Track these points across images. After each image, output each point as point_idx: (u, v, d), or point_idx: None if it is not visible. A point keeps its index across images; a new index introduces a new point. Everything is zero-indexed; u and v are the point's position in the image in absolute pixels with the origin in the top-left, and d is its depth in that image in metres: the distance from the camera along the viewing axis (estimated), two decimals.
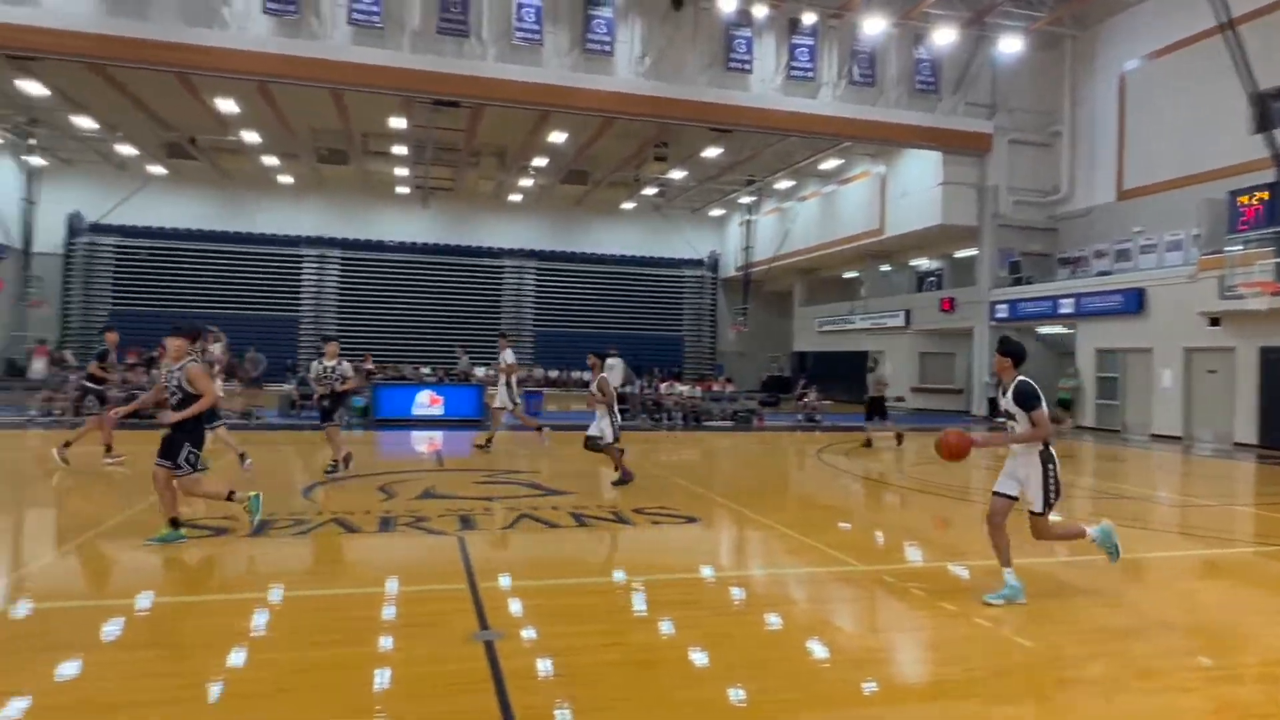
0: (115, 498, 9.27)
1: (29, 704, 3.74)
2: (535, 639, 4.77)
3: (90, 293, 34.37)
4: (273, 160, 32.57)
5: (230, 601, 5.48)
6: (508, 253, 39.02)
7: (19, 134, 28.57)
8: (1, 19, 18.40)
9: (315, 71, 20.35)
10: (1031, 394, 5.46)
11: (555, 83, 21.50)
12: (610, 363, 19.06)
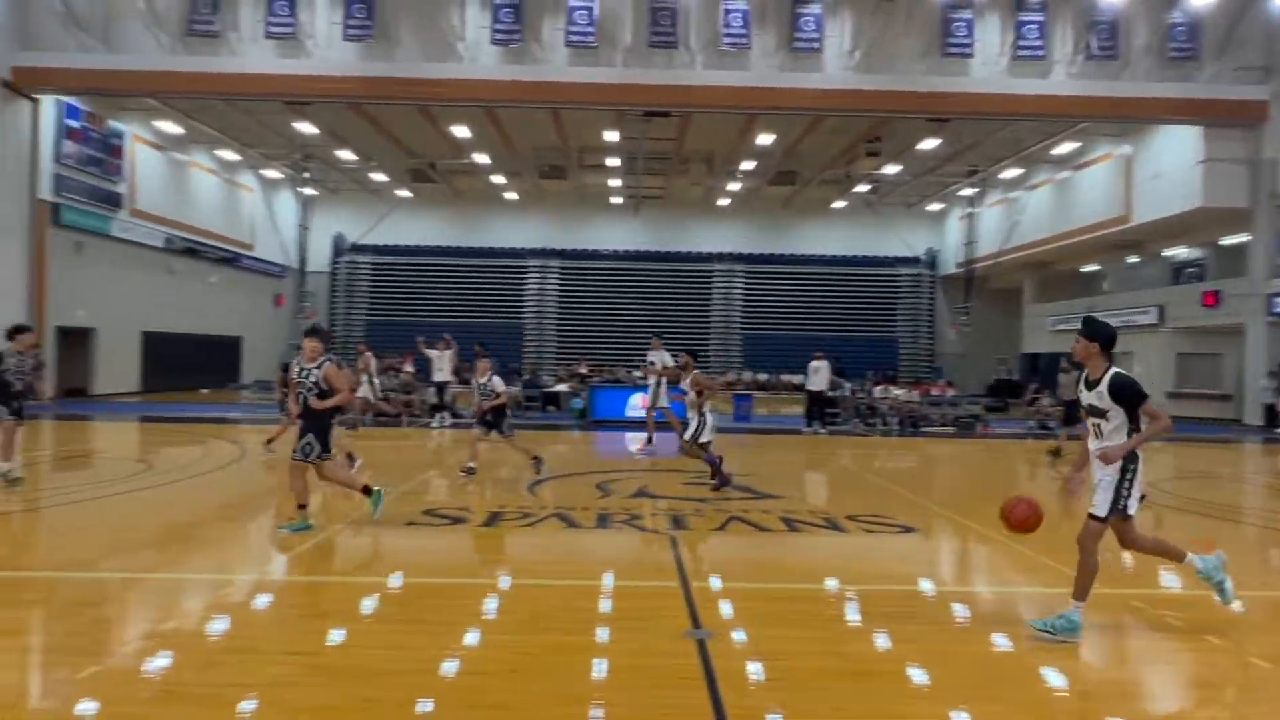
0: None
1: (305, 664, 4.31)
2: (746, 641, 4.79)
3: (351, 305, 38.92)
4: (500, 179, 35.15)
5: (466, 585, 5.98)
6: (716, 257, 39.36)
7: (296, 169, 32.97)
8: (282, 71, 21.44)
9: (537, 93, 21.75)
10: (1134, 385, 4.69)
11: (763, 85, 21.45)
12: (814, 365, 18.64)
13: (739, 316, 39.05)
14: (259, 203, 35.32)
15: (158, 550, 6.86)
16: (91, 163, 24.49)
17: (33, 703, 3.91)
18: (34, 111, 22.17)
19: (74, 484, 9.96)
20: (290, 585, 5.98)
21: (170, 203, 28.86)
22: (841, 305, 38.26)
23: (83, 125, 24.00)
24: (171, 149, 28.92)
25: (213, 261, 31.42)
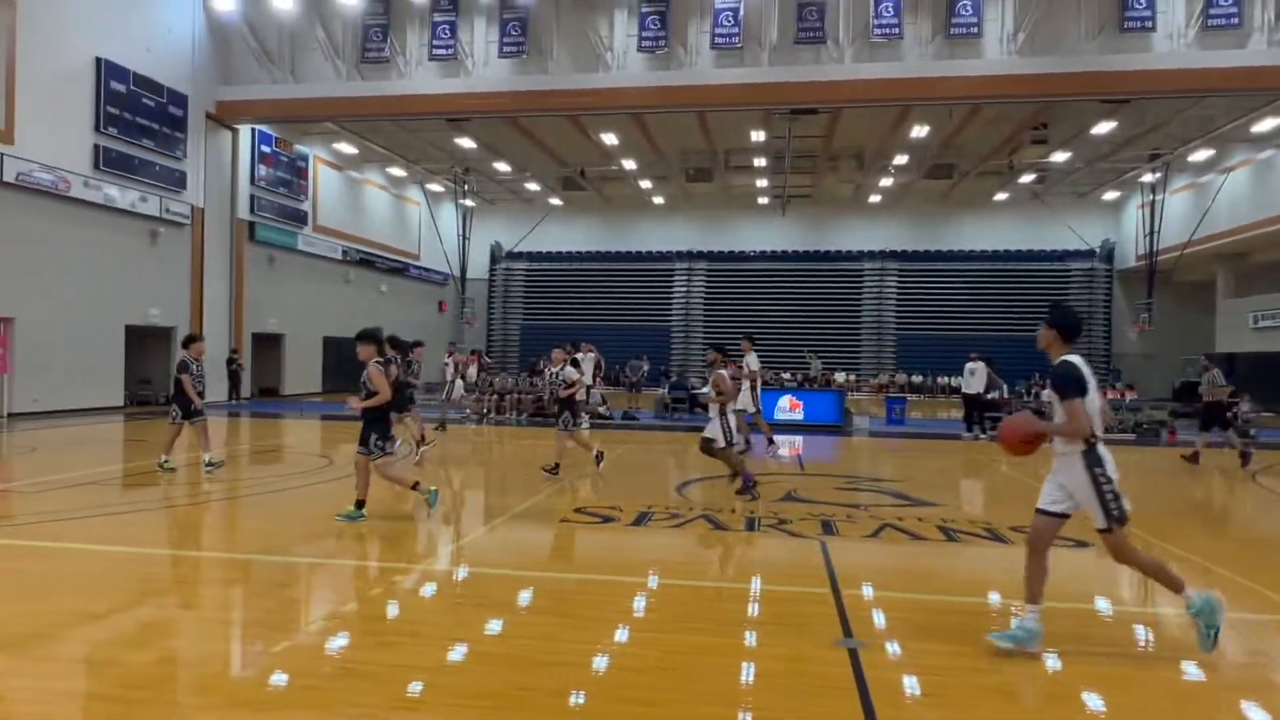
0: (522, 487, 10.86)
1: (467, 650, 4.56)
2: (901, 653, 4.62)
3: (507, 310, 40.70)
4: (647, 183, 35.69)
5: (615, 582, 6.11)
6: (867, 255, 38.20)
7: (456, 182, 34.87)
8: (444, 91, 22.77)
9: (684, 97, 21.92)
10: (1070, 377, 4.34)
11: (917, 75, 20.62)
12: (970, 367, 17.68)
13: (892, 316, 37.72)
14: (424, 215, 37.64)
15: (338, 538, 7.45)
16: (281, 184, 27.01)
17: (234, 671, 4.35)
18: (234, 140, 24.71)
19: (267, 476, 10.98)
20: (454, 575, 6.33)
21: (347, 218, 31.33)
22: (1004, 303, 36.10)
23: (274, 150, 26.53)
24: (348, 168, 31.38)
25: (383, 271, 33.81)
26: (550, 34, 22.45)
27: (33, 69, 18.02)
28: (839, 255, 38.60)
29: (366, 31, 23.02)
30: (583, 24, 21.99)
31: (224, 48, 23.94)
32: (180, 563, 6.59)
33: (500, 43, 22.40)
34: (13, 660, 4.29)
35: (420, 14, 22.93)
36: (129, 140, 20.64)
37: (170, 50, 22.06)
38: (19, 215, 17.79)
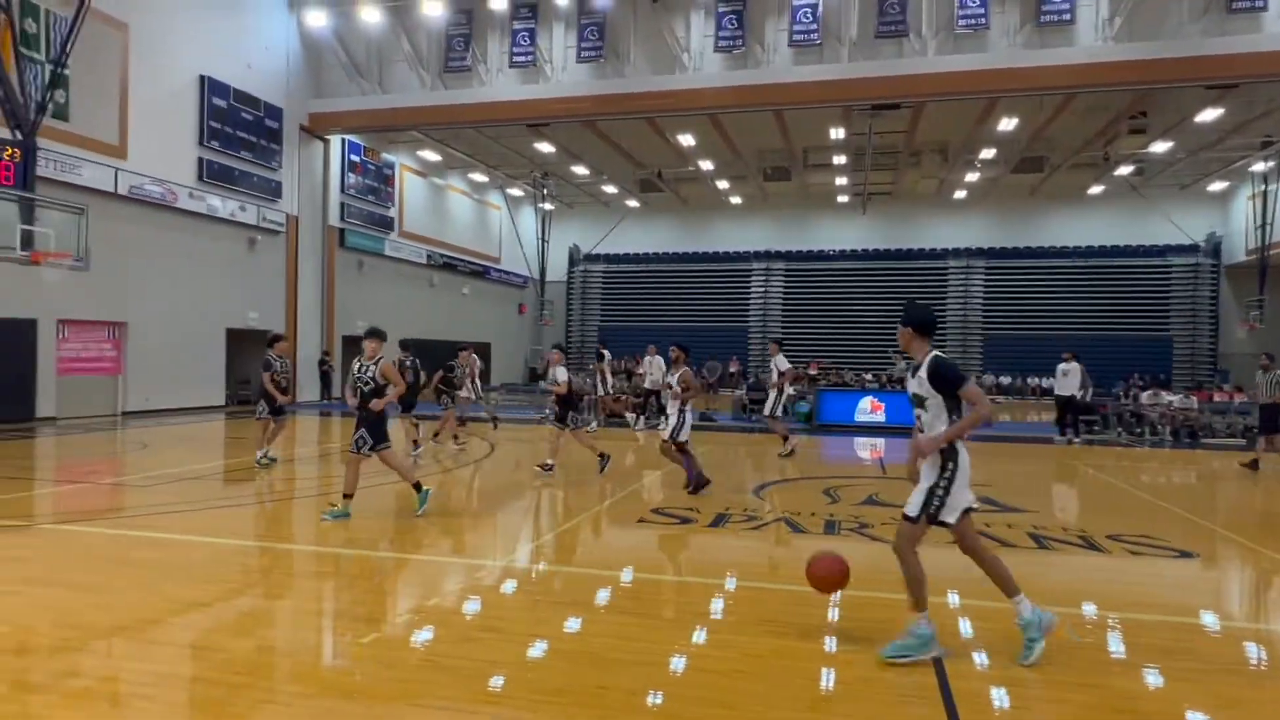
0: (599, 486, 10.95)
1: (546, 646, 4.63)
2: (987, 664, 4.47)
3: (585, 312, 41.12)
4: (724, 184, 35.53)
5: (692, 583, 6.10)
6: (952, 253, 37.12)
7: (536, 186, 35.45)
8: (524, 97, 23.18)
9: (761, 96, 21.74)
10: (954, 367, 4.34)
11: (1005, 65, 19.92)
12: (1063, 368, 16.94)
13: (978, 315, 36.51)
14: (504, 219, 38.40)
15: (421, 535, 7.66)
16: (369, 191, 27.98)
17: (325, 660, 4.53)
18: (325, 150, 25.72)
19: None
20: (533, 573, 6.44)
21: (430, 223, 32.22)
22: (1098, 301, 34.54)
23: (362, 159, 27.50)
24: (431, 175, 32.28)
25: (465, 274, 34.63)
26: (627, 37, 22.61)
27: (143, 88, 19.16)
28: (922, 253, 37.62)
29: (449, 41, 23.64)
30: (659, 26, 22.06)
31: (316, 62, 24.96)
32: (275, 555, 6.90)
33: (578, 48, 22.67)
34: (128, 644, 4.57)
35: (501, 22, 23.41)
36: (229, 153, 21.73)
37: (267, 66, 23.13)
38: (131, 225, 18.93)
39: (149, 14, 19.24)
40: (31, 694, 3.88)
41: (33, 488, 10.00)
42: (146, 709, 3.76)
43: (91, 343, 18.47)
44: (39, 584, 5.61)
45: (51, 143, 16.43)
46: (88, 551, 6.59)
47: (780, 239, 39.29)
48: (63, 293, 16.89)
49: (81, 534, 7.24)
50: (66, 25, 16.24)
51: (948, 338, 36.42)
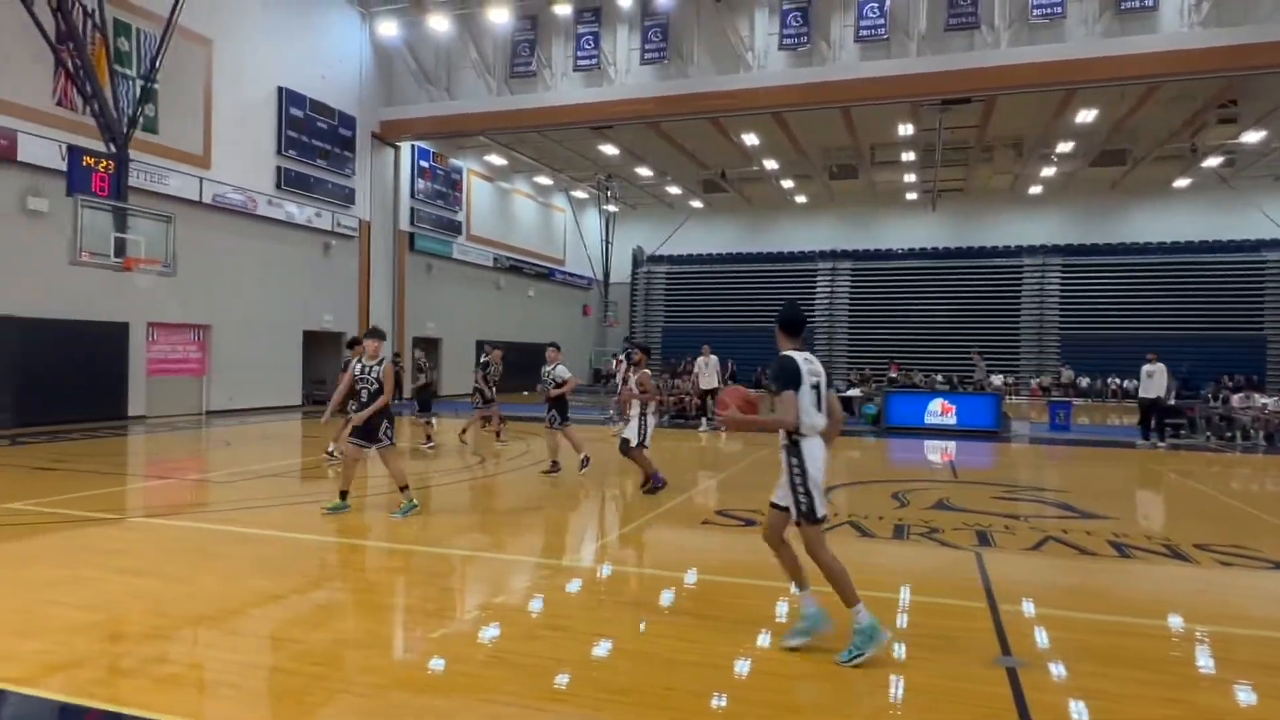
0: (664, 488, 10.95)
1: (611, 646, 4.65)
2: (1066, 676, 4.32)
3: (649, 313, 41.22)
4: (789, 182, 35.18)
5: (758, 586, 6.05)
6: (1026, 250, 35.99)
7: (600, 188, 35.70)
8: (588, 100, 23.37)
9: (827, 94, 21.44)
10: (784, 370, 4.42)
11: (1083, 56, 19.18)
12: (1148, 369, 16.19)
13: (1055, 315, 35.28)
14: (569, 222, 38.77)
15: (489, 533, 7.80)
16: (438, 196, 28.61)
17: (396, 654, 4.65)
18: (395, 157, 26.40)
19: (426, 472, 11.64)
20: (598, 573, 6.48)
21: (497, 226, 32.76)
22: (1185, 299, 33.00)
23: (431, 165, 28.14)
24: (498, 179, 32.82)
25: (531, 277, 35.10)
26: (691, 38, 22.58)
27: (225, 100, 19.98)
28: (995, 251, 36.55)
29: (515, 47, 23.99)
30: (723, 25, 21.96)
31: (387, 71, 25.63)
32: (349, 550, 7.11)
33: (642, 49, 22.75)
34: (212, 633, 4.78)
35: (565, 27, 23.65)
36: (306, 161, 22.49)
37: (340, 76, 23.86)
38: (214, 232, 19.75)
39: (231, 30, 20.06)
40: (125, 678, 4.09)
41: (125, 483, 10.53)
42: (230, 696, 3.92)
43: (178, 345, 19.34)
44: (132, 574, 5.90)
45: (142, 154, 17.25)
46: (175, 544, 6.90)
47: (847, 238, 38.70)
48: (152, 297, 17.73)
49: (170, 527, 7.59)
50: (155, 42, 17.04)
51: (1022, 337, 35.32)
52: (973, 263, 36.53)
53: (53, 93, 16.22)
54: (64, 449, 12.97)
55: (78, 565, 6.11)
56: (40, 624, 4.78)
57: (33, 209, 15.84)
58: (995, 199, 35.97)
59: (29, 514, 7.99)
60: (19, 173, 15.66)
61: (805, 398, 4.47)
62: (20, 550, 6.70)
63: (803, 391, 4.46)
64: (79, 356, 16.47)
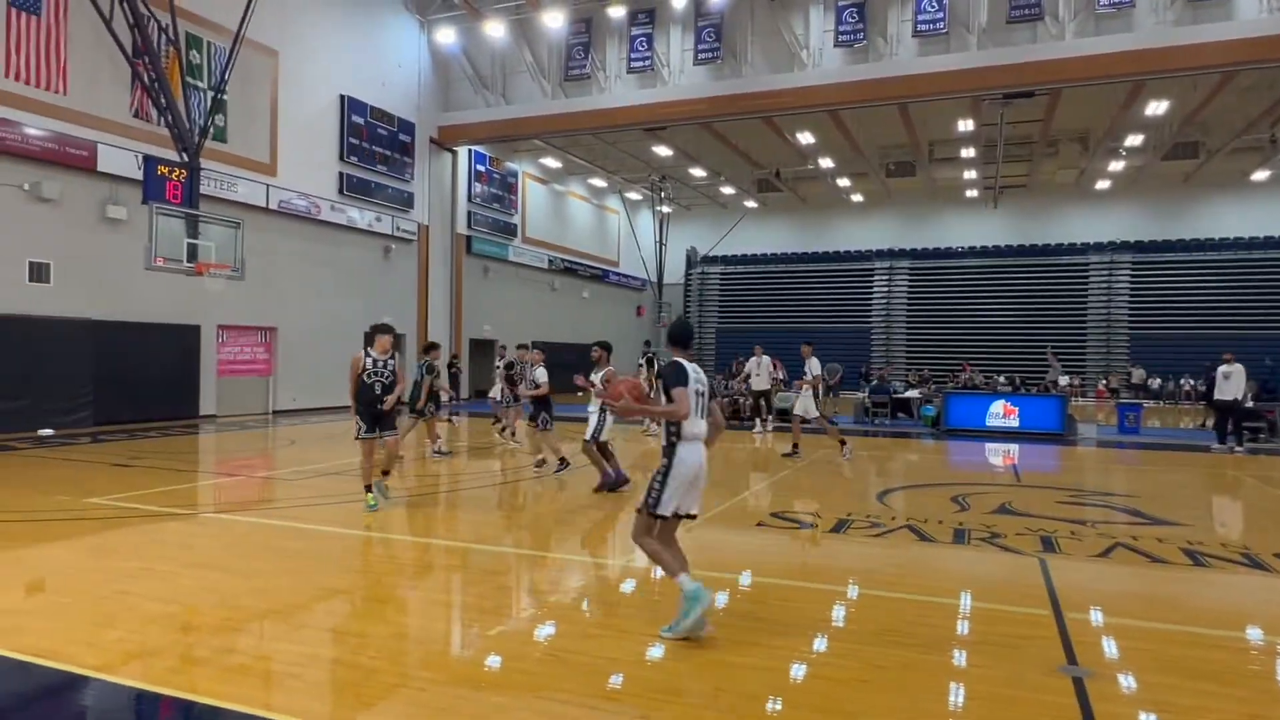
0: (718, 488, 10.91)
1: (665, 647, 4.65)
2: (1135, 687, 4.17)
3: (702, 313, 41.11)
4: (845, 181, 34.72)
5: (813, 589, 5.99)
6: (1093, 247, 34.87)
7: (654, 190, 35.74)
8: (642, 101, 23.42)
9: (885, 90, 21.11)
10: (674, 371, 4.72)
11: (1153, 45, 18.53)
12: (1224, 370, 15.49)
13: (1124, 314, 34.10)
14: (623, 223, 38.90)
15: (543, 531, 7.87)
16: (494, 199, 29.01)
17: (454, 651, 4.73)
18: (453, 161, 26.85)
19: (484, 472, 11.81)
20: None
21: (552, 229, 33.07)
22: (1263, 296, 31.53)
23: (487, 169, 28.55)
24: (552, 181, 33.12)
25: (585, 278, 35.33)
26: (744, 37, 22.47)
27: (291, 109, 20.59)
28: (1059, 248, 35.50)
29: (569, 51, 24.19)
30: (777, 24, 21.80)
31: (444, 77, 26.10)
32: (408, 547, 7.25)
33: (695, 50, 22.72)
34: (277, 626, 4.93)
35: (619, 29, 23.76)
36: (367, 167, 23.04)
37: (400, 83, 24.38)
38: (280, 237, 20.36)
39: (295, 41, 20.67)
40: (197, 667, 4.25)
41: (196, 479, 10.92)
42: (295, 687, 4.04)
43: (246, 346, 19.99)
44: (203, 567, 6.12)
45: (212, 163, 17.88)
46: (243, 539, 7.14)
47: (905, 236, 38.03)
48: (222, 300, 18.36)
49: (238, 523, 7.85)
50: (225, 55, 17.65)
51: (1088, 336, 34.23)
52: (1036, 261, 35.55)
53: (130, 105, 16.95)
54: (140, 446, 13.53)
55: (152, 558, 6.37)
56: (118, 614, 4.99)
57: (112, 216, 16.57)
58: (1060, 195, 34.93)
59: (108, 508, 8.35)
60: (99, 182, 16.40)
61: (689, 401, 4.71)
62: (100, 543, 7.01)
63: (689, 392, 4.71)
64: (154, 358, 17.17)
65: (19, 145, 15.02)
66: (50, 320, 15.40)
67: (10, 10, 14.81)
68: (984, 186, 33.51)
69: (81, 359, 15.82)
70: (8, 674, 4.17)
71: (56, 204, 15.70)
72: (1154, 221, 34.28)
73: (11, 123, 14.88)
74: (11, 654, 4.32)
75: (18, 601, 5.38)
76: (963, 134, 26.97)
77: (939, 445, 16.29)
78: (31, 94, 15.26)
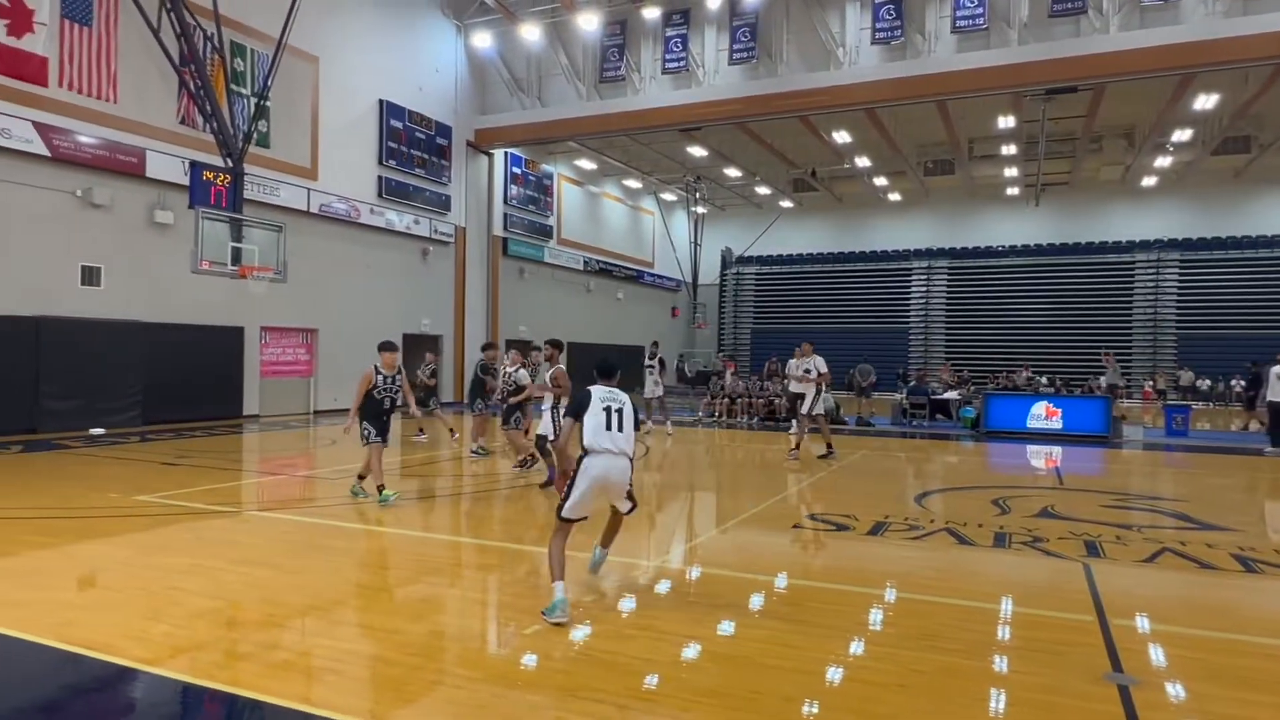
0: (755, 490, 10.86)
1: (700, 648, 4.65)
2: (1184, 697, 4.07)
3: (738, 314, 40.96)
4: (882, 180, 34.35)
5: (850, 592, 5.93)
6: (1139, 245, 34.05)
7: (688, 190, 35.71)
8: (677, 102, 23.42)
9: (923, 88, 20.84)
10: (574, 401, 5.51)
11: (1203, 38, 18.03)
12: (1278, 370, 14.99)
13: (1171, 314, 33.25)
14: (658, 224, 38.91)
15: (578, 532, 7.88)
16: (530, 201, 29.20)
17: (490, 648, 4.77)
18: (489, 164, 27.08)
19: (522, 472, 11.88)
20: (687, 574, 6.48)
21: (587, 230, 33.18)
22: None
23: (523, 171, 28.75)
24: (587, 183, 33.25)
25: (620, 279, 35.39)
26: (780, 36, 22.34)
27: (331, 114, 20.95)
28: (1104, 247, 34.73)
29: (604, 52, 24.27)
30: (813, 22, 21.64)
31: (481, 80, 26.34)
32: (446, 546, 7.33)
33: (730, 50, 22.64)
34: (319, 623, 5.01)
35: (653, 30, 23.78)
36: (405, 170, 23.35)
37: (437, 87, 24.67)
38: (321, 240, 20.71)
39: (336, 47, 21.02)
40: (241, 662, 4.34)
41: (241, 478, 11.16)
42: (335, 683, 4.11)
43: (288, 347, 20.37)
44: (248, 564, 6.25)
45: (255, 168, 18.25)
46: (286, 537, 7.28)
47: (943, 236, 37.51)
48: (265, 302, 18.72)
49: (281, 521, 8.01)
50: (267, 62, 18.01)
51: (1134, 337, 33.44)
52: (1080, 260, 34.83)
53: (176, 113, 17.37)
54: (186, 445, 13.85)
55: (199, 555, 6.52)
56: (166, 609, 5.12)
57: (159, 221, 16.99)
58: (1104, 192, 34.18)
59: (156, 506, 8.57)
60: (147, 187, 16.83)
61: (593, 419, 5.30)
62: (149, 540, 7.19)
63: (592, 414, 5.31)
64: (200, 359, 17.56)
65: (72, 153, 15.48)
66: (101, 323, 15.84)
67: (64, 22, 15.27)
68: (1025, 184, 32.92)
69: (131, 360, 16.24)
70: (61, 666, 4.30)
71: (107, 209, 16.15)
72: (1203, 219, 33.38)
73: (65, 131, 15.34)
74: (65, 646, 4.46)
75: (71, 595, 5.55)
76: (1003, 131, 26.52)
77: (978, 447, 16.03)
78: (83, 103, 15.71)
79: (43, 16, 14.83)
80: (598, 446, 5.32)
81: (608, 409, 5.36)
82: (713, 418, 20.87)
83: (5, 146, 14.51)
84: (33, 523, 7.76)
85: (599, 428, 5.31)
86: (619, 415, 5.39)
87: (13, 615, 4.95)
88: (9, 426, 14.31)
